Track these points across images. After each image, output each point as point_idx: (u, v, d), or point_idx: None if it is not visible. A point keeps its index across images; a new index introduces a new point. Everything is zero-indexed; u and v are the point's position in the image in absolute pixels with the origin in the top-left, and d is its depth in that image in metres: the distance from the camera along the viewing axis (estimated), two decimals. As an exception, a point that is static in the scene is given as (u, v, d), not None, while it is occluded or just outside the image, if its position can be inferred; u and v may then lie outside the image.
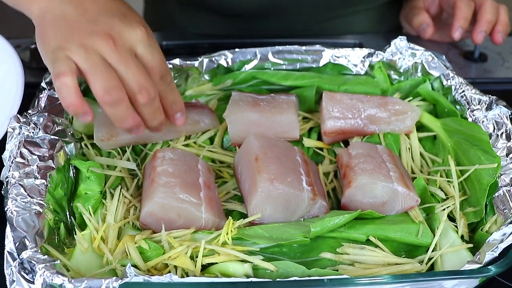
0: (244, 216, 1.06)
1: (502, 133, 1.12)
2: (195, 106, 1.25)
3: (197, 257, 0.96)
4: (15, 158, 1.02)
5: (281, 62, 1.35)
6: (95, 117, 1.16)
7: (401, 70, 1.34)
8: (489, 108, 1.17)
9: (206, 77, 1.34)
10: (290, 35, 1.69)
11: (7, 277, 0.88)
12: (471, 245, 1.01)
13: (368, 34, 1.75)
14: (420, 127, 1.26)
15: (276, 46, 1.34)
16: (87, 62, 0.96)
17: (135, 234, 1.01)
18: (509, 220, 0.98)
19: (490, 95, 1.19)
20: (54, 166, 1.04)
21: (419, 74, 1.34)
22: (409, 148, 1.22)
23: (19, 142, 1.05)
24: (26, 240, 0.91)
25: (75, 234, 1.01)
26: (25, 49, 1.53)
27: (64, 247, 0.99)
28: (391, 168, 1.08)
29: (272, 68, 1.35)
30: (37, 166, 1.03)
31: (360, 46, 1.65)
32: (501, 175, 1.06)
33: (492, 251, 0.93)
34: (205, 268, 0.97)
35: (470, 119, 1.19)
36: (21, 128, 1.07)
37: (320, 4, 1.70)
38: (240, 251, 0.97)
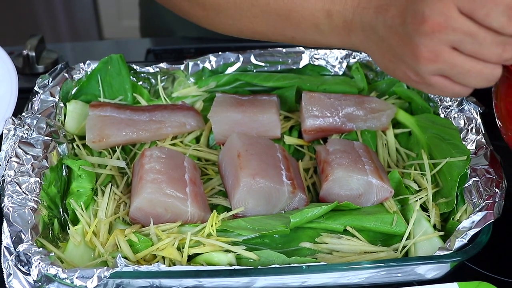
0: (228, 209, 1.11)
1: (472, 127, 1.17)
2: (181, 108, 1.29)
3: (183, 248, 1.01)
4: (11, 157, 1.07)
5: (263, 64, 1.38)
6: (87, 119, 1.21)
7: (378, 70, 1.38)
8: (460, 104, 1.21)
9: (192, 79, 1.38)
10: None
11: (4, 271, 0.93)
12: (442, 233, 1.06)
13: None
14: (396, 124, 1.30)
15: (257, 50, 1.38)
16: None
17: (125, 228, 1.06)
18: (477, 209, 1.02)
19: (461, 92, 1.23)
20: (47, 165, 1.09)
21: (395, 73, 1.37)
22: (385, 144, 1.26)
23: (14, 143, 1.09)
24: (22, 234, 0.96)
25: (68, 229, 1.05)
26: (18, 56, 1.57)
27: (58, 242, 1.04)
28: (367, 162, 1.13)
29: (254, 70, 1.38)
30: (31, 165, 1.07)
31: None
32: (471, 166, 1.10)
33: (461, 238, 0.98)
34: (191, 258, 1.02)
35: (442, 115, 1.23)
36: (15, 130, 1.11)
37: None
38: (224, 242, 1.02)
